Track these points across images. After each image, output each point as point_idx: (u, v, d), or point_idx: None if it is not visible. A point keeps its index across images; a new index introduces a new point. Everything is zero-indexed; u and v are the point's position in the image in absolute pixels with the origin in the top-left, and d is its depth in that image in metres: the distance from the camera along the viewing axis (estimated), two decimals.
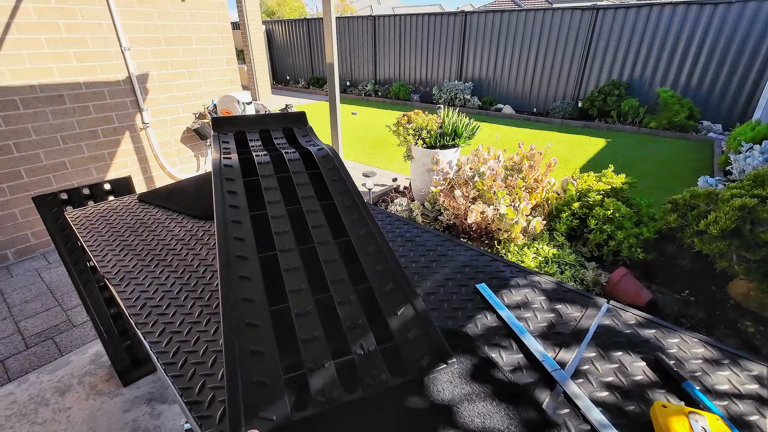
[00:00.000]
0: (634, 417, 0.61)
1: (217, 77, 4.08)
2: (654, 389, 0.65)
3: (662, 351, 0.73)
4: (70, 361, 2.11)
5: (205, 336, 0.78)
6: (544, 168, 3.18)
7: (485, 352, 0.73)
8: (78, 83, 3.15)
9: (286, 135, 1.34)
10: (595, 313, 0.83)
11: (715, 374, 0.68)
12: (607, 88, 7.55)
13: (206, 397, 0.65)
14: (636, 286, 2.52)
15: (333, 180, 1.04)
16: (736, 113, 6.79)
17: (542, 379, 0.68)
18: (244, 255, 0.82)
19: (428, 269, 1.00)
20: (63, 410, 1.83)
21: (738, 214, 2.30)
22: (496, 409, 0.62)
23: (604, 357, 0.72)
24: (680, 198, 2.76)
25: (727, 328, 2.35)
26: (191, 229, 1.19)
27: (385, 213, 1.33)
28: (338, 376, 0.64)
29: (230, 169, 1.04)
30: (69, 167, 3.25)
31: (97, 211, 1.33)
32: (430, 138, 3.63)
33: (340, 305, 0.75)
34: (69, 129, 3.18)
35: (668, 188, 4.54)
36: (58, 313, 2.49)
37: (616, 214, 2.83)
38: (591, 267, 2.74)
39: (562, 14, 7.84)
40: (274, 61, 14.12)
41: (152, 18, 3.46)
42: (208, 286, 0.92)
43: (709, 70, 6.81)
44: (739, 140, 4.61)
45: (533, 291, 0.91)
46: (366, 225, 0.92)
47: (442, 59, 9.87)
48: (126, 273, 0.98)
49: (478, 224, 3.00)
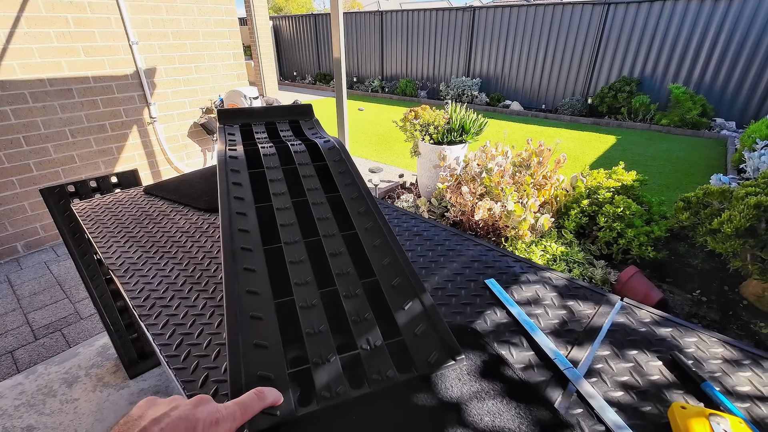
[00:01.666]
0: (651, 418, 0.58)
1: (224, 72, 4.07)
2: (672, 390, 0.63)
3: (679, 350, 0.70)
4: (77, 353, 2.13)
5: (208, 329, 0.76)
6: (553, 165, 3.13)
7: (495, 349, 0.71)
8: (86, 77, 3.16)
9: (292, 127, 1.32)
10: (608, 310, 0.81)
11: (735, 375, 0.65)
12: (618, 85, 7.43)
13: (209, 390, 0.64)
14: (646, 286, 2.47)
15: (339, 172, 1.02)
16: (751, 111, 6.65)
17: (554, 378, 0.66)
18: (248, 247, 0.80)
19: (436, 264, 0.97)
20: (70, 401, 1.84)
21: (753, 213, 2.25)
22: (507, 407, 0.60)
23: (619, 356, 0.70)
24: (693, 196, 2.71)
25: (740, 329, 2.30)
26: (197, 221, 1.18)
27: (392, 207, 1.31)
28: (344, 371, 0.63)
29: (235, 161, 1.02)
30: (78, 161, 3.27)
31: (103, 203, 1.33)
32: (438, 134, 3.60)
33: (346, 299, 0.74)
34: (77, 123, 3.20)
35: (680, 186, 4.46)
36: (66, 305, 2.51)
37: (627, 212, 2.79)
38: (600, 265, 2.70)
39: (572, 9, 7.73)
40: (281, 56, 14.12)
41: (160, 12, 3.46)
42: (213, 279, 0.91)
43: (723, 67, 6.67)
44: (754, 138, 4.51)
45: (544, 287, 0.88)
46: (373, 218, 0.90)
47: (450, 55, 9.79)
48: (131, 265, 0.98)
49: (485, 221, 2.97)
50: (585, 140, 6.51)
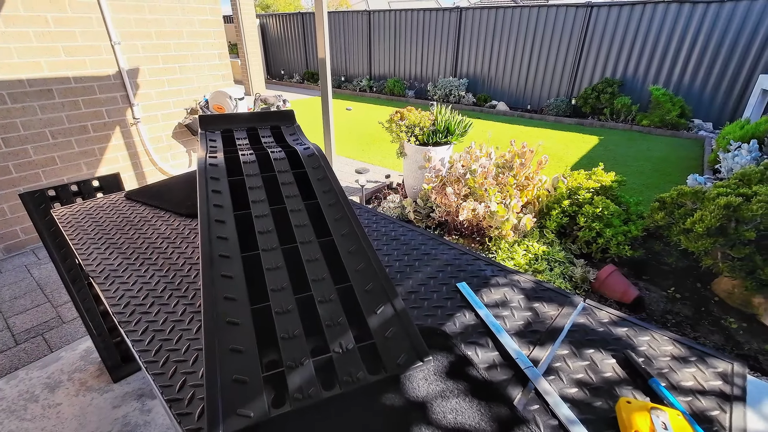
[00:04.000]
0: (601, 413, 0.63)
1: (209, 72, 4.05)
2: (622, 386, 0.68)
3: (633, 349, 0.75)
4: (59, 357, 2.11)
5: (187, 334, 0.79)
6: (535, 166, 3.20)
7: (462, 350, 0.75)
8: (67, 78, 3.12)
9: (273, 133, 1.34)
10: (571, 311, 0.85)
11: (681, 371, 0.70)
12: (601, 86, 7.58)
13: (186, 394, 0.66)
14: (623, 284, 2.55)
15: (318, 179, 1.05)
16: (727, 112, 6.85)
17: (515, 377, 0.70)
18: (226, 254, 0.83)
19: (411, 268, 1.01)
20: (53, 406, 1.84)
21: (723, 213, 2.34)
22: (469, 405, 0.64)
23: (577, 354, 0.74)
24: (668, 196, 2.80)
25: (712, 325, 2.40)
26: (177, 227, 1.20)
27: (372, 211, 1.34)
28: (316, 373, 0.66)
29: (215, 168, 1.04)
30: (59, 162, 3.23)
31: (84, 209, 1.33)
32: (423, 135, 3.64)
33: (320, 304, 0.77)
34: (58, 124, 3.15)
35: (658, 186, 4.59)
36: (48, 309, 2.48)
37: (605, 212, 2.87)
38: (580, 264, 2.78)
39: (557, 11, 7.85)
40: (268, 55, 14.00)
41: (143, 12, 3.42)
42: (193, 285, 0.93)
43: (701, 69, 6.86)
44: (728, 139, 4.66)
45: (512, 290, 0.93)
46: (348, 224, 0.93)
47: (437, 55, 9.85)
48: (111, 271, 0.99)
49: (470, 221, 3.02)
50: (569, 140, 6.63)
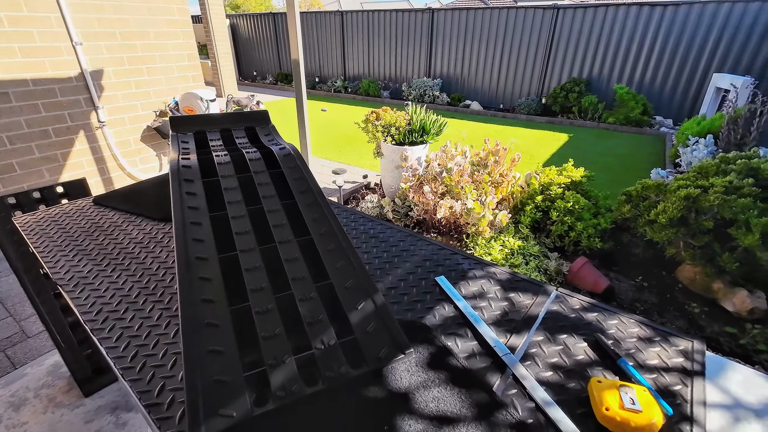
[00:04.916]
0: (574, 393, 0.66)
1: (178, 74, 3.94)
2: (593, 367, 0.71)
3: (602, 332, 0.79)
4: (24, 373, 2.01)
5: (164, 339, 0.77)
6: (509, 163, 3.29)
7: (442, 341, 0.77)
8: (25, 80, 2.97)
9: (248, 134, 1.33)
10: (544, 300, 0.89)
11: (647, 350, 0.75)
12: (569, 85, 7.85)
13: (166, 399, 0.65)
14: (594, 275, 2.66)
15: (294, 179, 1.05)
16: (685, 108, 7.24)
17: (494, 364, 0.72)
18: (203, 256, 0.81)
19: (391, 264, 1.03)
20: (18, 425, 1.74)
21: (684, 204, 2.48)
22: (450, 393, 0.65)
23: (551, 340, 0.78)
24: (633, 190, 2.93)
25: (676, 311, 2.53)
26: (150, 231, 1.17)
27: (350, 210, 1.35)
28: (299, 370, 0.66)
29: (189, 170, 1.02)
30: (18, 169, 3.06)
31: (49, 215, 1.28)
32: (399, 135, 3.67)
33: (301, 302, 0.77)
34: (16, 129, 2.99)
35: (625, 180, 4.79)
36: (10, 324, 2.35)
37: (576, 206, 2.98)
38: (554, 257, 2.87)
39: (525, 13, 8.07)
40: (239, 56, 13.73)
41: (105, 11, 3.30)
42: (168, 289, 0.91)
43: (661, 68, 7.22)
44: (687, 134, 4.93)
45: (489, 281, 0.95)
46: (327, 223, 0.94)
47: (411, 56, 9.94)
48: (80, 279, 0.96)
49: (447, 219, 3.07)
50: (540, 138, 6.84)
